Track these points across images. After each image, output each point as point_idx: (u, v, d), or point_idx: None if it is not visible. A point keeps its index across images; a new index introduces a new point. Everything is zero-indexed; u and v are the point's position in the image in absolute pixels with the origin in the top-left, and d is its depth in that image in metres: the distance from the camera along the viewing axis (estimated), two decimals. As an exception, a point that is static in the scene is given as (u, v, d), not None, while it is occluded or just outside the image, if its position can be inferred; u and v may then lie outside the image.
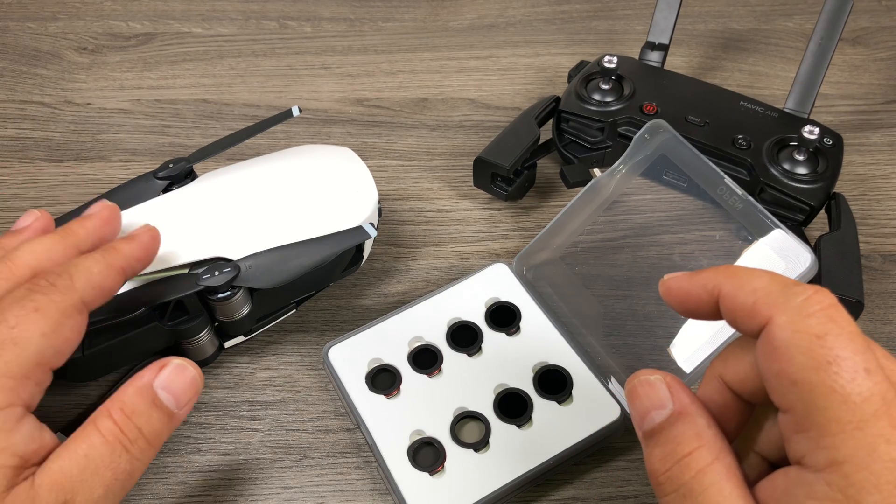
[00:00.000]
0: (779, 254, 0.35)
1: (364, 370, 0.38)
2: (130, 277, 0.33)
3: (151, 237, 0.34)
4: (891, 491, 0.21)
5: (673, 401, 0.26)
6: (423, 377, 0.38)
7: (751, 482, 0.24)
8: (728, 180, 0.37)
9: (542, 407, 0.37)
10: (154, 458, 0.30)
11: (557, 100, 0.49)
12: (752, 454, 0.26)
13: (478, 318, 0.40)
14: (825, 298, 0.23)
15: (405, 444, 0.35)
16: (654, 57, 0.50)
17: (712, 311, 0.26)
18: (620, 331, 0.39)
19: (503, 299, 0.41)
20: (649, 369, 0.27)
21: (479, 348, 0.39)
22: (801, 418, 0.22)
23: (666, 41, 0.50)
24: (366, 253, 0.41)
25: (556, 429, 0.36)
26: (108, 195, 0.40)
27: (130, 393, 0.29)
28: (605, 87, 0.47)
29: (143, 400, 0.29)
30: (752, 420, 0.27)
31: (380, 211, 0.41)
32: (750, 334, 0.25)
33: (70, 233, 0.33)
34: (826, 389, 0.22)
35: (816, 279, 0.38)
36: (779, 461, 0.26)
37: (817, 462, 0.22)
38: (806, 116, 0.46)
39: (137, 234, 0.34)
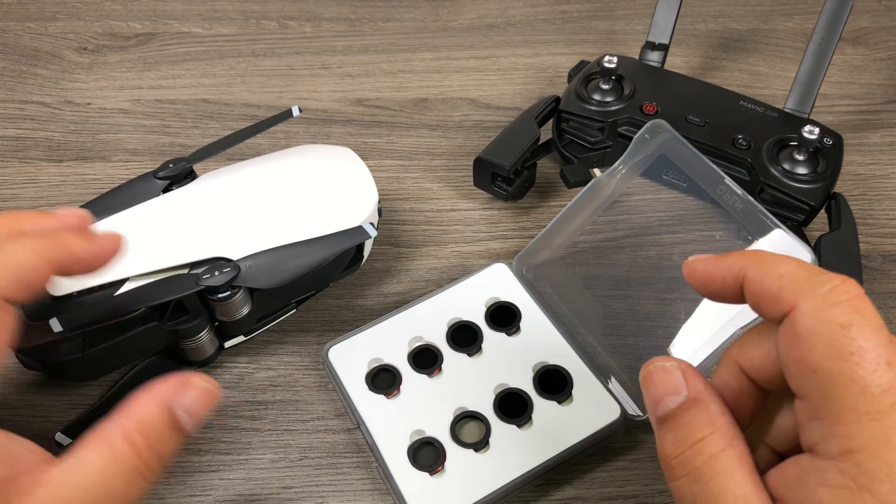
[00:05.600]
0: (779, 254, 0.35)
1: (364, 370, 0.38)
2: (66, 275, 0.29)
3: (111, 243, 0.30)
4: None
5: (688, 387, 0.26)
6: (423, 377, 0.38)
7: (761, 472, 0.24)
8: (728, 180, 0.37)
9: (542, 407, 0.37)
10: None
11: (557, 100, 0.49)
12: (763, 446, 0.26)
13: (478, 318, 0.40)
14: (852, 289, 0.23)
15: (405, 444, 0.35)
16: (654, 57, 0.50)
17: (736, 295, 0.26)
18: (620, 331, 0.39)
19: (503, 299, 0.41)
20: (664, 356, 0.27)
21: (479, 348, 0.39)
22: (817, 406, 0.22)
23: (666, 41, 0.50)
24: (366, 253, 0.41)
25: (556, 429, 0.36)
26: (108, 195, 0.40)
27: (150, 412, 0.26)
28: (605, 87, 0.47)
29: (164, 422, 0.26)
30: (763, 411, 0.27)
31: (380, 211, 0.41)
32: (773, 320, 0.25)
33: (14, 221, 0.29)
34: (846, 379, 0.22)
35: (816, 279, 0.38)
36: (788, 452, 0.26)
37: (830, 450, 0.22)
38: (806, 116, 0.46)
39: (98, 234, 0.30)
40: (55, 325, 0.33)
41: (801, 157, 0.43)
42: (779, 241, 0.35)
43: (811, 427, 0.23)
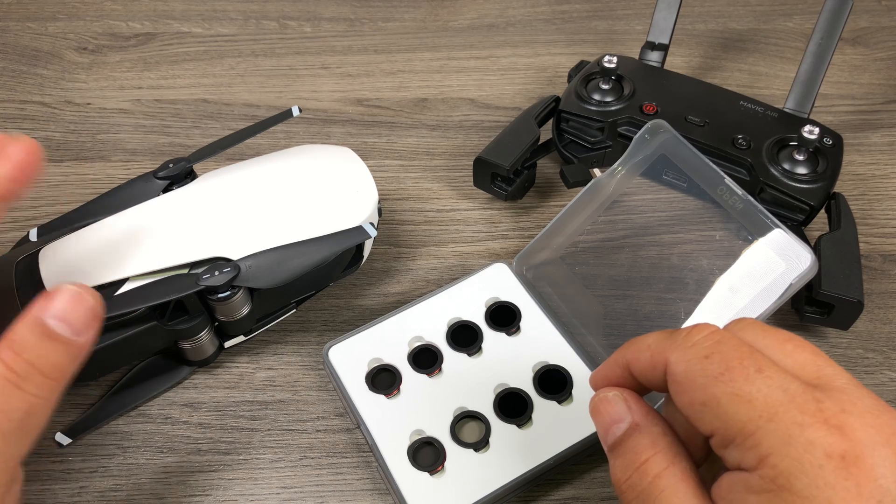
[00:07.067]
0: (779, 254, 0.35)
1: (364, 370, 0.38)
2: (12, 202, 0.29)
3: (26, 151, 0.29)
4: (816, 472, 0.22)
5: (630, 414, 0.27)
6: (423, 377, 0.38)
7: (710, 487, 0.26)
8: (728, 180, 0.37)
9: (542, 407, 0.37)
10: (61, 393, 0.28)
11: (557, 100, 0.49)
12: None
13: (478, 317, 0.40)
14: (705, 328, 0.26)
15: (405, 443, 0.35)
16: (654, 57, 0.50)
17: (637, 383, 0.28)
18: (620, 331, 0.39)
19: (503, 299, 0.41)
20: (608, 386, 0.29)
21: (479, 348, 0.39)
22: (723, 432, 0.24)
23: (666, 41, 0.50)
24: (366, 253, 0.41)
25: (556, 429, 0.36)
26: (108, 195, 0.40)
27: (18, 329, 0.27)
28: (605, 87, 0.47)
29: (33, 333, 0.27)
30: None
31: (380, 211, 0.41)
32: (662, 388, 0.27)
33: None
34: (729, 397, 0.24)
35: (816, 279, 0.38)
36: None
37: (750, 463, 0.23)
38: (806, 116, 0.46)
39: (8, 152, 0.29)
40: (55, 325, 0.33)
41: (800, 157, 0.43)
42: (779, 242, 0.35)
43: (729, 453, 0.24)
